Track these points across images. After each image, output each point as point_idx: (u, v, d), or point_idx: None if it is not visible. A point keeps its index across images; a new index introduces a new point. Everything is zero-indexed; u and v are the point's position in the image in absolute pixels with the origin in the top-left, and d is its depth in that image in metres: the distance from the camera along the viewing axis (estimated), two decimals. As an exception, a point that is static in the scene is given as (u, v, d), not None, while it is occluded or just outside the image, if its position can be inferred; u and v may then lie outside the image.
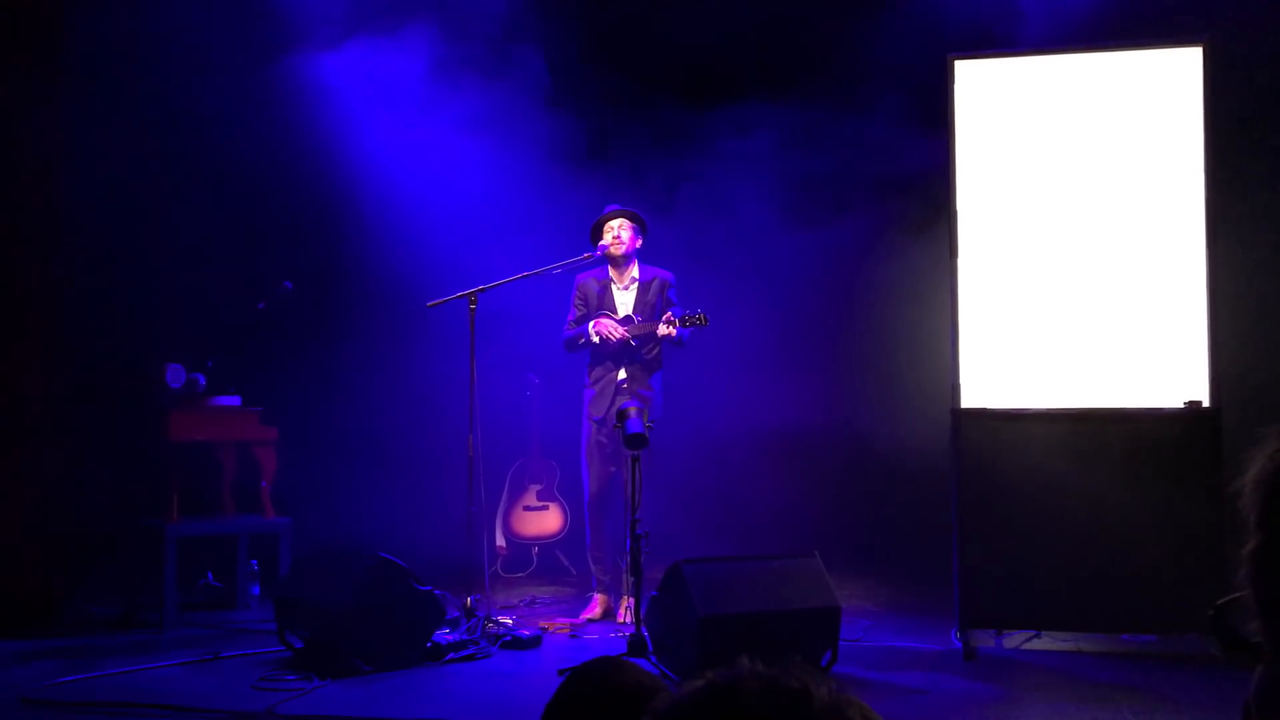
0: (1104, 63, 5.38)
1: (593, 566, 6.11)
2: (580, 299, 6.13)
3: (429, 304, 5.86)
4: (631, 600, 5.83)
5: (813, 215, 7.57)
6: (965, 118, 5.46)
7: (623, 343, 5.92)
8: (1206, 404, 5.14)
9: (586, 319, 6.03)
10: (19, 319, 5.99)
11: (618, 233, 6.00)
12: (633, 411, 5.22)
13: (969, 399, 5.36)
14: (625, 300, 6.07)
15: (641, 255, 6.17)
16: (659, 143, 7.74)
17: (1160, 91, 5.31)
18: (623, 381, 5.96)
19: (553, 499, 7.60)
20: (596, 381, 6.02)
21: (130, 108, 6.60)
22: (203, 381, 6.19)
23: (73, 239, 6.25)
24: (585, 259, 6.04)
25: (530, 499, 7.61)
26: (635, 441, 5.16)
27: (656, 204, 7.25)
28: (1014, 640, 5.42)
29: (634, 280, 6.09)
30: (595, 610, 6.02)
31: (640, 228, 6.09)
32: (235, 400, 6.35)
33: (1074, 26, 6.13)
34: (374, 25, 7.26)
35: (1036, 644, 5.38)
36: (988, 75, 5.48)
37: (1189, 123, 5.26)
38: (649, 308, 6.00)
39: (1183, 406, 5.16)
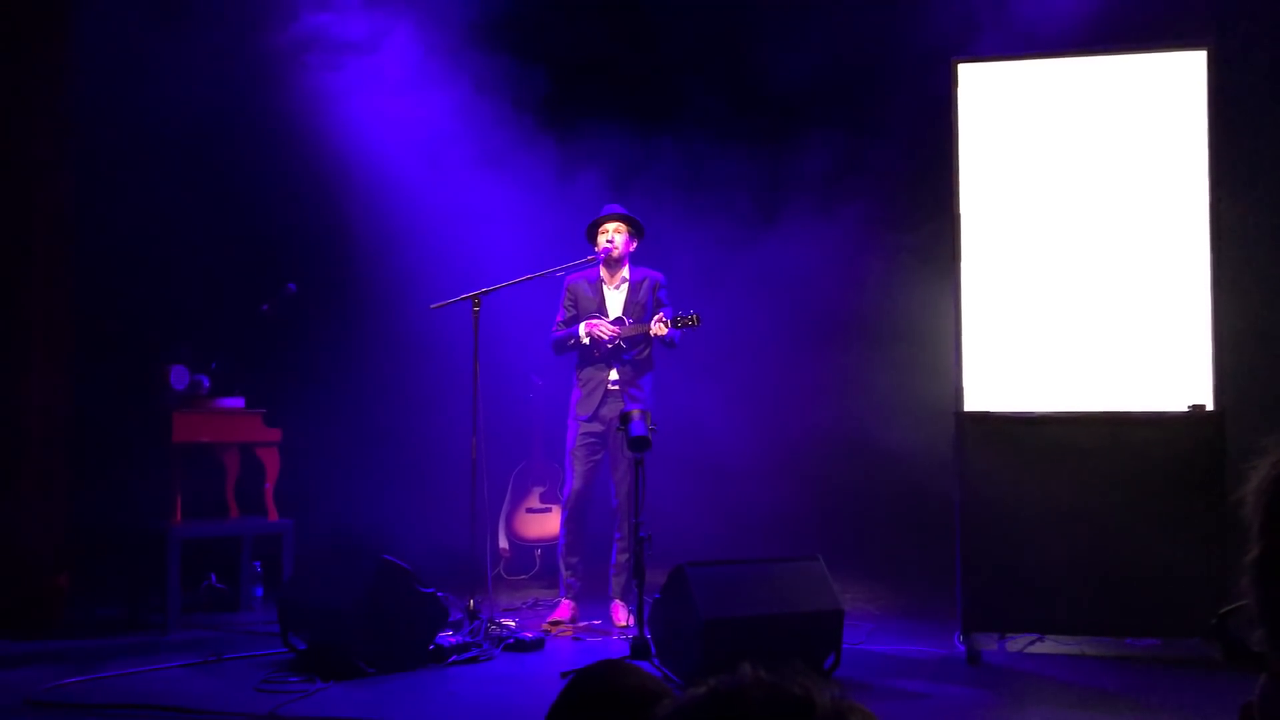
0: (1107, 66, 5.37)
1: (563, 571, 6.00)
2: (570, 300, 6.12)
3: (432, 306, 5.86)
4: (620, 603, 5.85)
5: (816, 217, 7.56)
6: (968, 120, 5.45)
7: (613, 344, 5.92)
8: (1211, 407, 5.13)
9: (575, 320, 6.03)
10: (23, 321, 6.00)
11: (611, 236, 5.99)
12: (636, 414, 5.21)
13: (972, 402, 5.35)
14: (616, 300, 6.06)
15: (640, 255, 6.17)
16: (659, 145, 7.74)
17: (1164, 95, 5.30)
18: (614, 383, 5.95)
19: (556, 501, 7.59)
20: (586, 383, 6.01)
21: (135, 110, 6.60)
22: (206, 383, 6.20)
23: (77, 241, 6.25)
24: (589, 261, 6.05)
25: (533, 501, 7.61)
26: (639, 444, 5.14)
27: (655, 204, 7.24)
28: (1017, 644, 5.42)
29: (624, 280, 6.08)
30: (565, 615, 5.93)
31: (635, 231, 6.07)
32: (239, 402, 6.36)
33: (1078, 29, 6.13)
34: (375, 28, 7.26)
35: (1040, 648, 5.38)
36: (990, 78, 5.48)
37: (1193, 126, 5.25)
38: (639, 308, 6.00)
39: (1187, 410, 5.15)
